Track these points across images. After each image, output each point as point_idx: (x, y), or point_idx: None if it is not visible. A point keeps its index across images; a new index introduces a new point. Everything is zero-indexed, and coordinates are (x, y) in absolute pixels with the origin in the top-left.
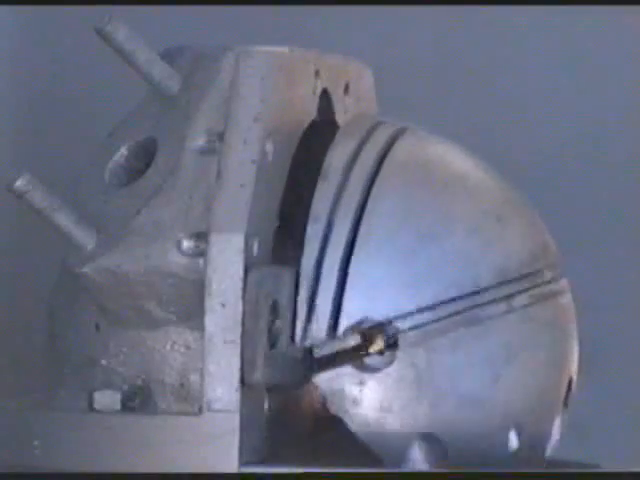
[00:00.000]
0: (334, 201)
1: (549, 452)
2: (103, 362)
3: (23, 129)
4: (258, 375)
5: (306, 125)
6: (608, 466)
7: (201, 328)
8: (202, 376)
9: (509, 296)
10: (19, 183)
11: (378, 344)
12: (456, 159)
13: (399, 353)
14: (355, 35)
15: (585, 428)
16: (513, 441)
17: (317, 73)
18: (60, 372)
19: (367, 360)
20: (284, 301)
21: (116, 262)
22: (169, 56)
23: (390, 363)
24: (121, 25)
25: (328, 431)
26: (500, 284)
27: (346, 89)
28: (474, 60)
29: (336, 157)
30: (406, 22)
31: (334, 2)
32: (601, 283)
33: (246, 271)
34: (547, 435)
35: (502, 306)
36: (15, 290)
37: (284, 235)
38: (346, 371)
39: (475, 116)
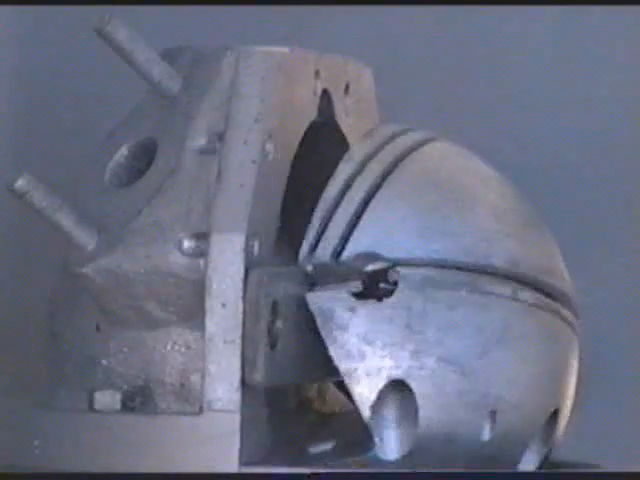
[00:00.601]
0: (371, 152)
1: (521, 464)
2: (103, 362)
3: (23, 129)
4: (258, 375)
5: (306, 125)
6: (608, 466)
7: (201, 328)
8: (202, 376)
9: (517, 287)
10: (20, 183)
11: (378, 288)
12: (475, 171)
13: (397, 292)
14: (355, 35)
15: (585, 428)
16: (486, 430)
17: (317, 73)
18: (60, 372)
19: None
20: (285, 301)
21: (116, 262)
22: (169, 56)
23: (385, 296)
24: (121, 25)
25: (327, 429)
26: (511, 273)
27: (346, 89)
28: (474, 60)
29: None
30: (406, 22)
31: (334, 2)
32: (602, 283)
33: (247, 271)
34: (521, 445)
35: (508, 290)
36: (15, 290)
37: (284, 235)
38: (340, 295)
39: (475, 116)
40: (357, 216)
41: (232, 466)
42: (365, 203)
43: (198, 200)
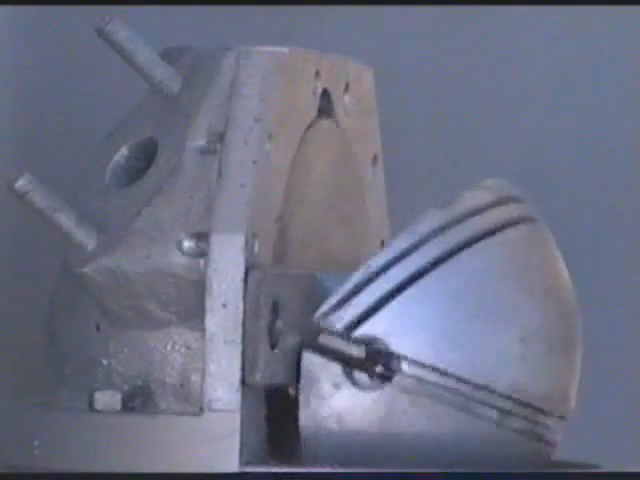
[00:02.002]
0: (440, 228)
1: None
2: (104, 362)
3: (23, 129)
4: (259, 375)
5: (307, 125)
6: (608, 466)
7: (202, 328)
8: (203, 376)
9: (506, 411)
10: (20, 183)
11: (374, 369)
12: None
13: (387, 387)
14: (355, 35)
15: (585, 428)
16: None
17: (317, 73)
18: (60, 372)
19: (356, 373)
20: (285, 301)
21: (117, 262)
22: (169, 56)
23: (373, 389)
24: (121, 25)
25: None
26: (510, 397)
27: (346, 89)
28: (474, 60)
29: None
30: (406, 22)
31: (334, 2)
32: (601, 282)
33: (247, 271)
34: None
35: (495, 415)
36: (15, 290)
37: (284, 235)
38: (332, 366)
39: (475, 116)
40: (387, 299)
41: (232, 466)
42: (402, 288)
43: (198, 200)
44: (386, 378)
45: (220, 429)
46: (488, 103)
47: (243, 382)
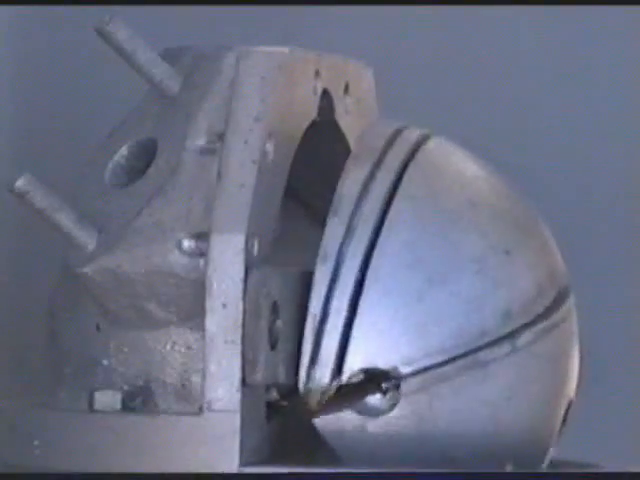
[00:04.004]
0: (343, 240)
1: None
2: (104, 362)
3: (23, 129)
4: (259, 375)
5: (306, 125)
6: (608, 466)
7: (202, 328)
8: (203, 376)
9: (513, 336)
10: (20, 183)
11: (379, 387)
12: (467, 186)
13: (401, 399)
14: (355, 35)
15: (585, 428)
16: (509, 469)
17: (317, 73)
18: (60, 372)
19: (368, 403)
20: (285, 301)
21: (117, 262)
22: (169, 56)
23: (391, 408)
24: (121, 25)
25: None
26: (505, 324)
27: (346, 89)
28: (474, 60)
29: (347, 187)
30: (406, 22)
31: (334, 2)
32: (601, 283)
33: (247, 271)
34: (544, 457)
35: (506, 347)
36: (15, 290)
37: (284, 235)
38: (346, 415)
39: (475, 116)
40: (346, 331)
41: (232, 466)
42: (351, 314)
43: (198, 200)
44: (395, 387)
45: (220, 429)
46: (488, 103)
47: (243, 382)
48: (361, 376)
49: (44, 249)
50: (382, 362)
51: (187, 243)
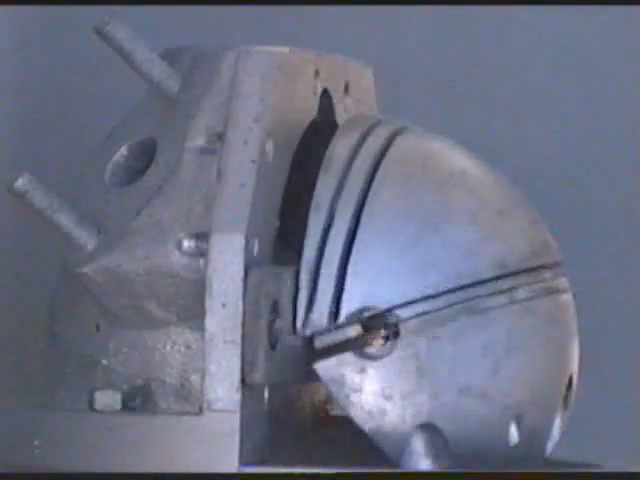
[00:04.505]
0: (336, 191)
1: (549, 451)
2: (104, 362)
3: (23, 129)
4: (258, 375)
5: (306, 125)
6: (608, 466)
7: (201, 328)
8: (202, 376)
9: (510, 288)
10: (19, 183)
11: (379, 333)
12: (456, 157)
13: (400, 341)
14: (355, 35)
15: (585, 428)
16: (514, 435)
17: (317, 73)
18: (60, 372)
19: (368, 348)
20: (284, 300)
21: (116, 262)
22: (169, 56)
23: (391, 351)
24: (121, 25)
25: (328, 430)
26: (501, 276)
27: (346, 89)
28: (474, 60)
29: (338, 149)
30: (406, 22)
31: (334, 2)
32: (601, 283)
33: (246, 271)
34: (547, 431)
35: (503, 298)
36: (15, 290)
37: (284, 235)
38: (347, 359)
39: (475, 116)
40: (342, 273)
41: (232, 466)
42: (346, 257)
43: (198, 200)
44: (394, 334)
45: (220, 429)
46: (488, 102)
47: (243, 382)
48: (359, 318)
49: (44, 249)
50: (378, 302)
51: (187, 243)
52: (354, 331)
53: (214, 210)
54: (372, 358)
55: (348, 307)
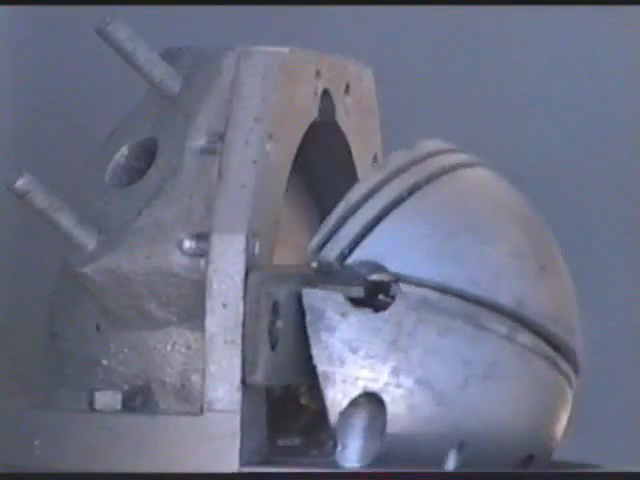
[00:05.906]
0: (408, 163)
1: None
2: (104, 362)
3: (23, 129)
4: (259, 375)
5: (307, 125)
6: (608, 466)
7: (202, 328)
8: (203, 376)
9: (516, 328)
10: (20, 183)
11: (378, 297)
12: (514, 196)
13: (392, 307)
14: (355, 35)
15: (585, 428)
16: (450, 461)
17: (318, 73)
18: (60, 372)
19: (355, 294)
20: (284, 300)
21: (117, 262)
22: (169, 56)
23: (377, 310)
24: (121, 25)
25: (327, 429)
26: (514, 313)
27: (347, 89)
28: (474, 60)
29: (395, 156)
30: (406, 22)
31: (334, 2)
32: (601, 283)
33: (247, 272)
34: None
35: (505, 329)
36: (15, 290)
37: (284, 235)
38: (335, 296)
39: (475, 117)
40: (373, 224)
41: (232, 466)
42: (385, 213)
43: (199, 200)
44: (392, 299)
45: (220, 429)
46: (488, 103)
47: (243, 382)
48: (365, 268)
49: (44, 249)
50: (390, 264)
51: (188, 243)
52: (354, 292)
53: (215, 210)
54: (358, 305)
55: (360, 254)
